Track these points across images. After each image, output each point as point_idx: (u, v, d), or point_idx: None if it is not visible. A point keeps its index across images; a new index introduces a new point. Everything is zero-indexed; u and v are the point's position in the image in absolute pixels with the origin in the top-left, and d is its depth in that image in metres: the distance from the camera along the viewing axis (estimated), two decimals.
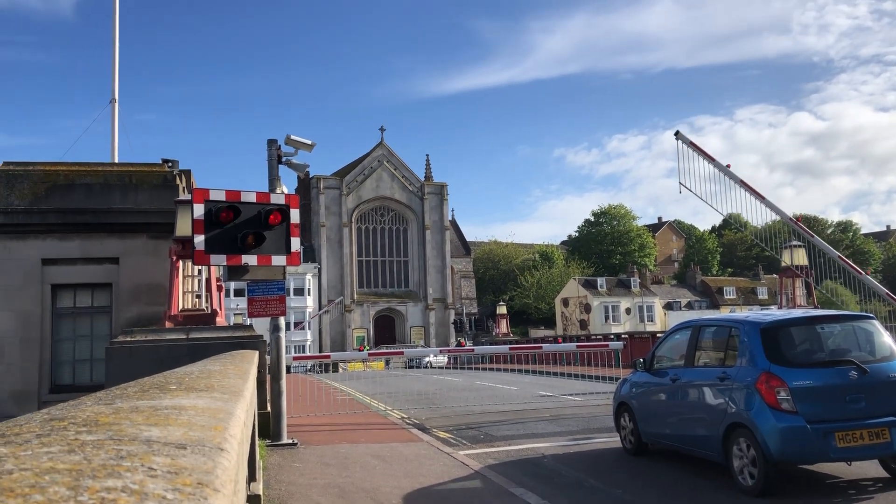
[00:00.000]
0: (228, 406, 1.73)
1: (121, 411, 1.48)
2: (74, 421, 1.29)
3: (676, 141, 25.76)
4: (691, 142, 25.96)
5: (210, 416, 1.50)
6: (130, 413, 1.44)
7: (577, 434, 13.66)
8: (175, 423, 1.30)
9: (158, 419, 1.35)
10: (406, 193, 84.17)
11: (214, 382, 2.58)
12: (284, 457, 11.43)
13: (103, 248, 14.70)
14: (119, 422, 1.29)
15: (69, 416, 1.38)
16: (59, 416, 1.38)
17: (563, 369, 31.15)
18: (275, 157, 13.57)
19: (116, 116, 21.33)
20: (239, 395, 2.17)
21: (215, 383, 2.54)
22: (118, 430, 1.16)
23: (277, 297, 12.87)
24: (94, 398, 1.96)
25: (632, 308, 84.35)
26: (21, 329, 14.28)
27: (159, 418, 1.37)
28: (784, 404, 8.08)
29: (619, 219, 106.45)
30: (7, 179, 14.51)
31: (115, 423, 1.28)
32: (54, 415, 1.44)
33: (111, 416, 1.37)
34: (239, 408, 1.79)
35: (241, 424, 1.62)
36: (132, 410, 1.50)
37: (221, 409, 1.66)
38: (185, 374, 3.14)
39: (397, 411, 18.24)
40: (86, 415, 1.41)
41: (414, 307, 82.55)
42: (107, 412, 1.46)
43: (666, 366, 10.69)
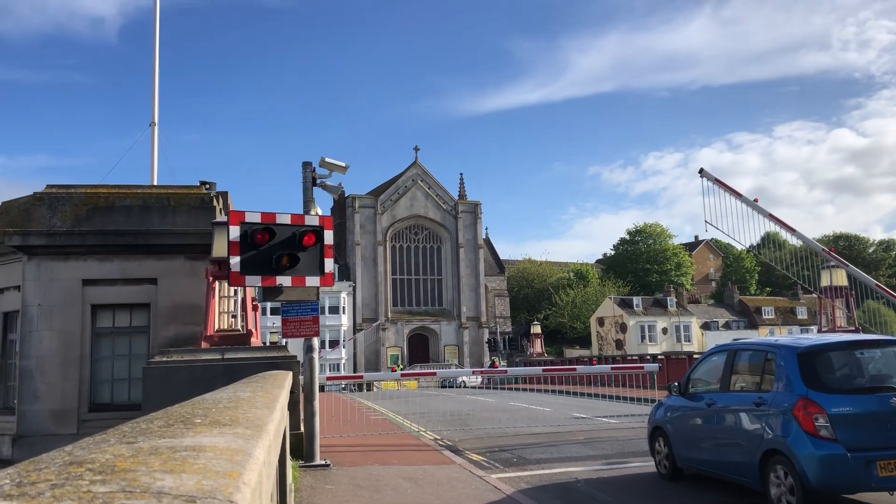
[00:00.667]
0: (248, 445, 1.75)
1: (140, 453, 1.50)
2: (92, 466, 1.31)
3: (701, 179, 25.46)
4: (716, 179, 25.67)
5: (227, 458, 1.52)
6: (149, 456, 1.46)
7: (612, 458, 13.49)
8: (190, 470, 1.32)
9: (175, 464, 1.37)
10: (440, 212, 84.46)
11: (240, 415, 2.60)
12: (317, 478, 11.46)
13: (142, 269, 14.96)
14: (136, 468, 1.31)
15: (88, 459, 1.41)
16: (78, 460, 1.40)
17: (598, 390, 30.84)
18: (309, 180, 13.73)
19: (156, 139, 21.81)
20: (262, 430, 2.19)
21: (241, 415, 2.56)
22: (132, 480, 1.18)
23: (311, 318, 12.95)
24: (120, 434, 1.98)
25: (668, 328, 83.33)
26: (62, 348, 14.55)
27: (176, 463, 1.38)
28: (823, 431, 7.90)
29: (656, 237, 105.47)
30: (50, 202, 14.87)
31: (132, 468, 1.30)
32: (75, 457, 1.46)
33: (129, 461, 1.39)
34: (259, 447, 1.81)
35: (260, 465, 1.64)
36: (151, 452, 1.52)
37: (240, 449, 1.67)
38: (213, 404, 3.17)
39: (430, 432, 18.19)
40: (105, 458, 1.43)
41: (448, 326, 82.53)
42: (126, 454, 1.48)
43: (701, 390, 10.53)
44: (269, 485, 2.14)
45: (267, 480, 2.01)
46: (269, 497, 2.20)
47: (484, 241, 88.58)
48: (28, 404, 14.30)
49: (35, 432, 14.17)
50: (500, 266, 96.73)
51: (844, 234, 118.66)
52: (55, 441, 13.69)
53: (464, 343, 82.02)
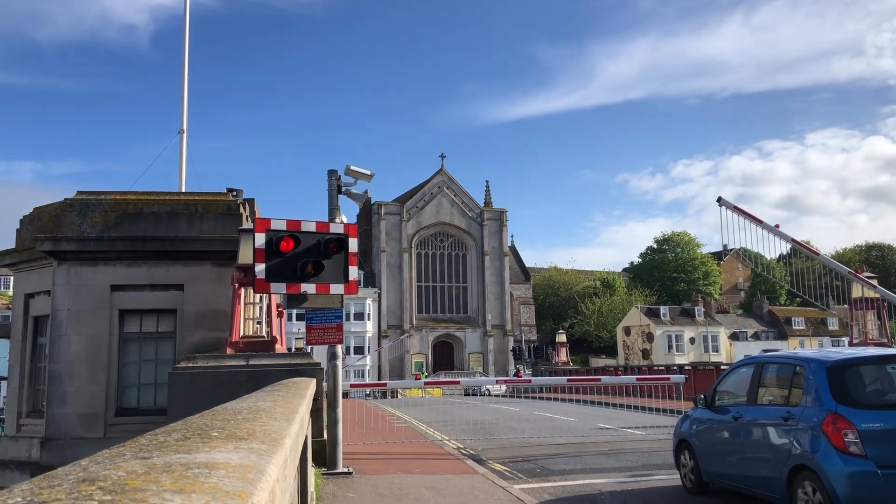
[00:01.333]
0: (262, 462, 1.74)
1: (153, 470, 1.50)
2: (103, 485, 1.31)
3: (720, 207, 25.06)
4: (735, 206, 25.25)
5: (239, 476, 1.51)
6: (161, 473, 1.46)
7: (637, 470, 13.34)
8: (200, 490, 1.31)
9: (186, 483, 1.37)
10: (465, 219, 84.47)
11: (258, 427, 2.60)
12: (339, 486, 11.47)
13: (169, 275, 15.11)
14: (146, 486, 1.31)
15: (101, 476, 1.41)
16: (91, 477, 1.40)
17: (624, 400, 30.58)
18: (335, 188, 13.80)
19: (185, 146, 22.05)
20: (278, 444, 2.19)
21: (258, 428, 2.56)
22: (140, 501, 1.18)
23: (335, 326, 13.00)
24: (137, 447, 1.99)
25: (696, 338, 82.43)
26: (90, 353, 14.73)
27: (187, 482, 1.38)
28: (852, 447, 7.74)
29: (683, 246, 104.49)
30: (80, 208, 15.09)
31: (142, 488, 1.29)
32: (88, 473, 1.46)
33: (141, 479, 1.39)
34: (273, 463, 1.80)
35: (273, 482, 1.63)
36: (164, 469, 1.52)
37: (253, 466, 1.66)
38: (233, 415, 3.18)
39: (453, 441, 18.14)
40: (117, 475, 1.43)
41: (472, 333, 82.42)
42: (139, 471, 1.48)
43: (728, 403, 10.38)
44: (285, 499, 2.13)
45: (282, 495, 2.00)
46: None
47: (509, 249, 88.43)
48: (56, 408, 14.48)
49: (63, 435, 14.35)
50: (526, 274, 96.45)
51: (878, 243, 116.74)
52: (83, 444, 13.85)
53: (488, 351, 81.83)
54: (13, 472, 15.09)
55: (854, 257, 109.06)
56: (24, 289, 16.59)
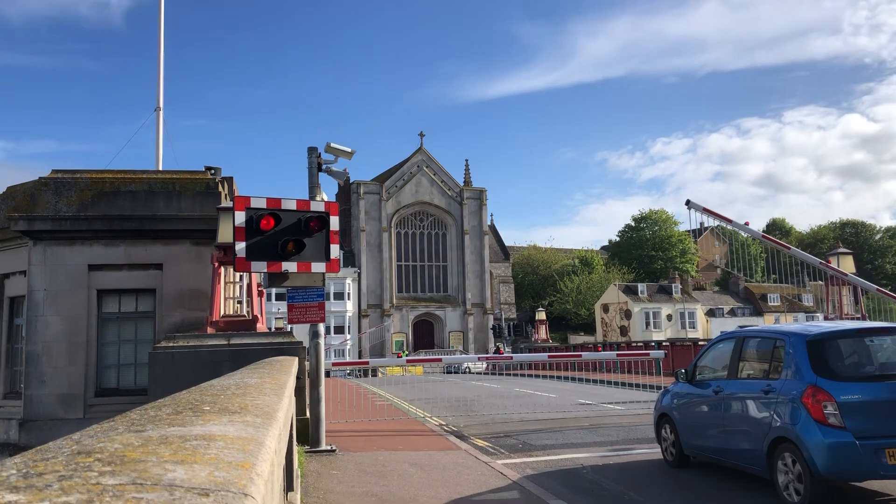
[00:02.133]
0: (259, 434, 1.71)
1: (150, 442, 1.46)
2: (101, 457, 1.27)
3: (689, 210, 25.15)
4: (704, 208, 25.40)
5: (239, 448, 1.48)
6: (159, 445, 1.42)
7: (618, 444, 13.48)
8: (202, 461, 1.28)
9: (186, 454, 1.33)
10: (445, 198, 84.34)
11: (249, 402, 2.57)
12: (323, 463, 11.48)
13: (147, 255, 14.94)
14: (145, 458, 1.27)
15: (97, 449, 1.37)
16: (87, 450, 1.36)
17: (603, 376, 30.86)
18: (315, 165, 13.67)
19: (161, 124, 21.73)
20: (272, 417, 2.15)
21: (249, 402, 2.52)
22: (142, 472, 1.14)
23: (317, 304, 12.94)
24: (128, 421, 1.95)
25: (673, 315, 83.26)
26: (68, 333, 14.57)
27: (186, 453, 1.34)
28: (831, 419, 7.86)
29: (661, 224, 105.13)
30: (56, 187, 14.85)
31: (142, 459, 1.26)
32: (83, 446, 1.42)
33: (139, 451, 1.35)
34: (270, 436, 1.77)
35: (272, 455, 1.60)
36: (161, 441, 1.48)
37: (251, 438, 1.63)
38: (222, 390, 3.14)
39: (435, 418, 18.22)
40: (114, 447, 1.39)
41: (452, 312, 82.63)
42: (135, 444, 1.44)
43: (708, 377, 10.49)
44: (279, 473, 2.11)
45: (277, 469, 1.97)
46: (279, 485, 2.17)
47: (489, 228, 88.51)
48: (34, 389, 14.33)
49: (42, 416, 14.22)
50: (505, 253, 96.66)
51: (851, 220, 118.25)
52: (62, 425, 13.74)
53: (468, 329, 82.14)
54: None
55: (828, 234, 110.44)
56: None
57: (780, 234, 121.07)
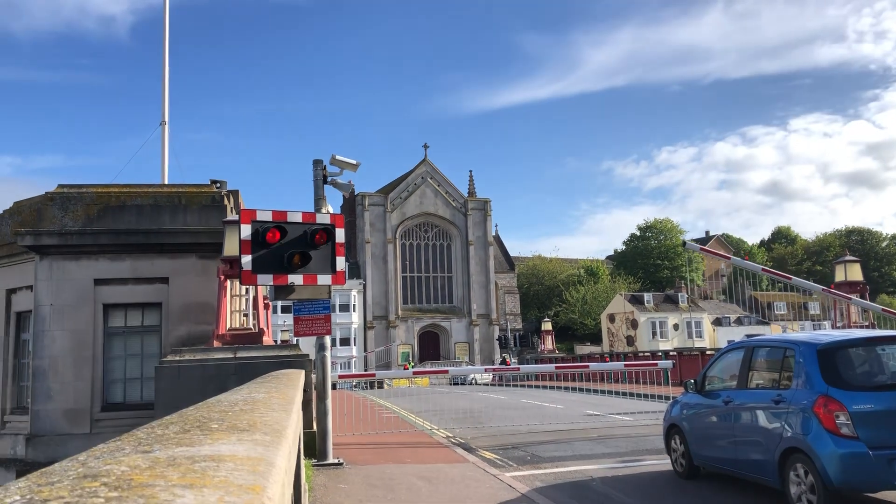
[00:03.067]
0: (269, 454, 1.67)
1: (157, 464, 1.42)
2: (107, 481, 1.23)
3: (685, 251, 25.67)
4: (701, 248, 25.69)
5: (249, 469, 1.44)
6: (167, 467, 1.38)
7: (626, 456, 13.38)
8: (211, 484, 1.24)
9: (195, 477, 1.29)
10: (449, 209, 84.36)
11: (258, 418, 2.53)
12: (330, 477, 11.41)
13: (153, 269, 14.94)
14: (153, 482, 1.23)
15: (103, 472, 1.33)
16: (93, 473, 1.32)
17: (611, 387, 30.69)
18: (320, 177, 13.66)
19: (166, 138, 21.80)
20: (282, 435, 2.11)
21: (258, 419, 2.48)
22: (150, 497, 1.10)
23: (323, 317, 12.89)
24: (135, 441, 1.91)
25: (679, 324, 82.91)
26: (74, 348, 14.56)
27: (195, 476, 1.30)
28: (844, 429, 7.77)
29: (666, 233, 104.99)
30: (61, 202, 14.87)
31: (149, 483, 1.22)
32: (89, 469, 1.38)
33: (146, 474, 1.31)
34: (280, 455, 1.73)
35: (283, 475, 1.56)
36: (169, 463, 1.44)
37: (262, 458, 1.59)
38: (229, 406, 3.10)
39: (443, 430, 18.12)
40: (121, 469, 1.35)
41: (458, 323, 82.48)
42: (143, 466, 1.40)
43: (718, 387, 10.41)
44: (289, 492, 2.06)
45: (288, 488, 1.93)
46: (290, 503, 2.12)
47: (494, 239, 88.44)
48: (41, 404, 14.31)
49: (48, 431, 14.19)
50: (510, 263, 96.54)
51: (858, 228, 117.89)
52: (69, 440, 13.71)
53: (474, 340, 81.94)
54: None
55: (834, 242, 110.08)
56: (6, 284, 16.35)
57: (786, 243, 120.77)
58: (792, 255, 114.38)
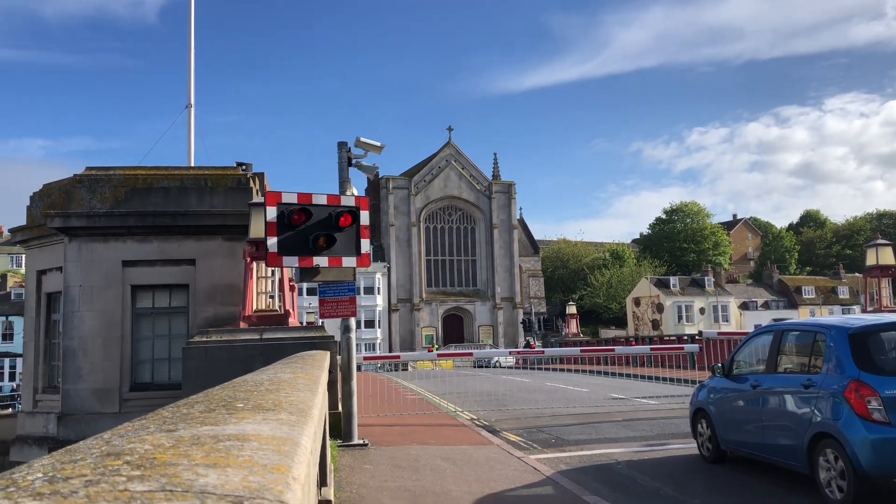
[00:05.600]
0: (294, 433, 1.65)
1: (181, 443, 1.40)
2: (130, 459, 1.21)
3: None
4: None
5: (274, 449, 1.41)
6: (191, 447, 1.36)
7: (652, 439, 13.30)
8: (235, 464, 1.21)
9: (218, 457, 1.27)
10: (474, 193, 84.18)
11: (283, 398, 2.51)
12: (356, 458, 11.47)
13: (180, 250, 15.06)
14: (177, 461, 1.21)
15: (126, 450, 1.31)
16: (116, 451, 1.30)
17: (635, 370, 30.56)
18: (345, 160, 13.65)
19: (192, 121, 21.92)
20: (307, 415, 2.09)
21: (283, 399, 2.47)
22: (173, 477, 1.08)
23: (348, 299, 12.93)
24: (160, 419, 1.90)
25: (706, 308, 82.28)
26: (103, 328, 14.75)
27: (219, 455, 1.28)
28: (875, 414, 7.63)
29: (693, 216, 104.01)
30: (89, 184, 15.01)
31: (172, 462, 1.19)
32: (112, 447, 1.36)
33: (169, 452, 1.29)
34: (305, 435, 1.70)
35: (308, 455, 1.53)
36: (193, 442, 1.42)
37: (287, 438, 1.57)
38: (255, 386, 3.09)
39: (467, 412, 18.15)
40: (144, 448, 1.34)
41: (482, 306, 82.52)
42: (166, 444, 1.38)
43: (745, 371, 10.29)
44: (315, 472, 2.04)
45: (313, 468, 1.91)
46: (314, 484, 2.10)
47: (518, 222, 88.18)
48: (72, 383, 14.54)
49: (79, 410, 14.42)
50: (535, 246, 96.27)
51: (889, 211, 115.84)
52: (98, 419, 13.92)
53: (498, 323, 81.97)
54: (31, 448, 15.19)
55: (865, 225, 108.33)
56: (37, 265, 16.60)
57: (814, 227, 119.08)
58: (821, 239, 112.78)
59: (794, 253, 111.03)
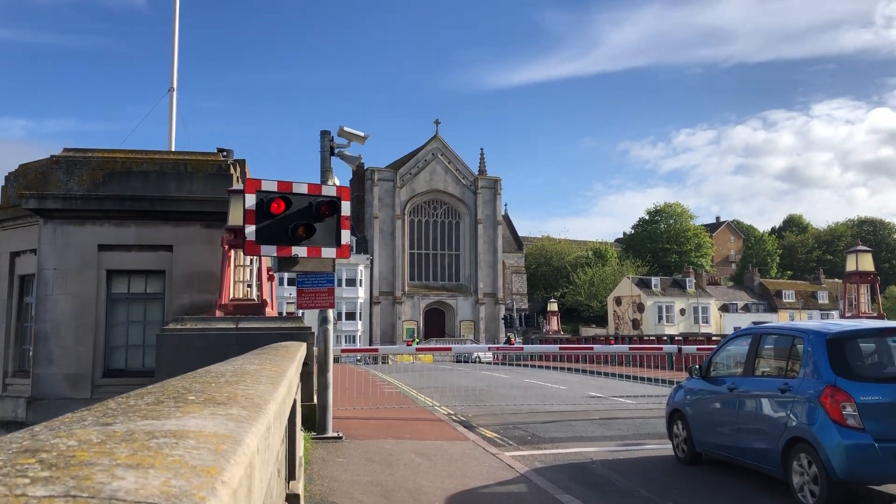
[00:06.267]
0: (240, 431, 1.54)
1: (111, 439, 1.30)
2: (45, 457, 1.10)
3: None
4: None
5: (211, 448, 1.31)
6: (120, 443, 1.26)
7: (628, 439, 13.29)
8: (162, 464, 1.11)
9: (146, 456, 1.16)
10: (459, 187, 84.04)
11: (240, 391, 2.41)
12: (329, 451, 11.36)
13: (158, 236, 14.85)
14: (96, 460, 1.10)
15: (47, 446, 1.20)
16: (35, 447, 1.20)
17: (614, 369, 30.63)
18: (327, 149, 13.49)
19: (174, 105, 21.63)
20: (261, 410, 1.99)
21: (241, 392, 2.37)
22: (84, 478, 0.97)
23: (326, 290, 12.80)
24: (101, 411, 1.79)
25: (686, 309, 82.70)
26: (77, 313, 14.52)
27: (147, 454, 1.17)
28: (850, 420, 7.63)
29: (676, 217, 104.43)
30: (67, 166, 14.76)
31: (91, 461, 1.09)
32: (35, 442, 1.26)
33: (94, 450, 1.19)
34: (252, 432, 1.60)
35: (250, 455, 1.42)
36: (124, 438, 1.31)
37: (228, 436, 1.46)
38: (215, 377, 2.99)
39: (444, 407, 18.08)
40: (67, 444, 1.23)
41: (464, 301, 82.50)
42: (94, 440, 1.28)
43: (723, 374, 10.28)
44: (266, 471, 1.93)
45: (263, 467, 1.80)
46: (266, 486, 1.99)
47: (503, 218, 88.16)
48: (43, 367, 14.31)
49: (49, 395, 14.19)
50: (519, 243, 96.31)
51: (870, 218, 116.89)
52: (69, 405, 13.67)
53: (480, 319, 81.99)
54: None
55: (846, 231, 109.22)
56: (10, 247, 16.30)
57: (797, 231, 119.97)
58: (802, 244, 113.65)
59: (776, 257, 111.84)
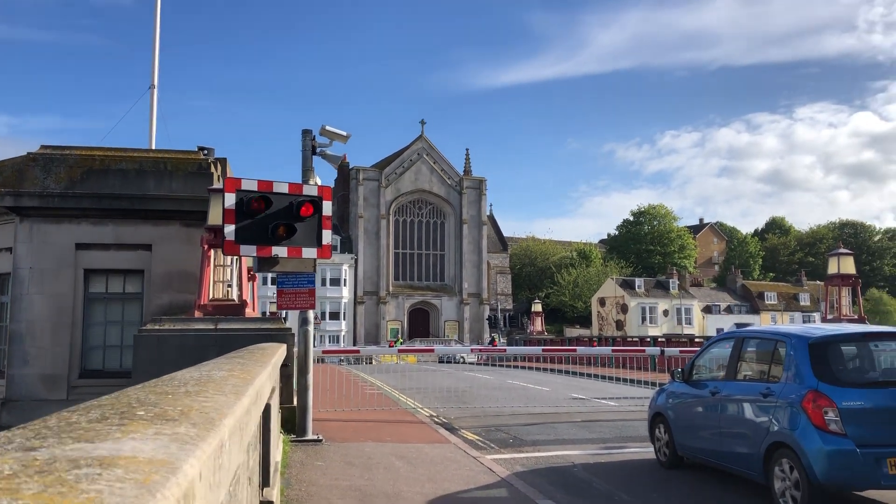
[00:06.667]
0: (179, 456, 1.42)
1: (26, 469, 1.17)
2: None
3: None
4: None
5: (140, 479, 1.19)
6: (32, 476, 1.13)
7: (610, 442, 13.23)
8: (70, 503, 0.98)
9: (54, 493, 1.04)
10: (444, 187, 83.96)
11: (197, 404, 2.28)
12: (308, 454, 11.21)
13: (136, 235, 14.64)
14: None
15: None
16: None
17: (597, 371, 30.62)
18: (309, 148, 13.33)
19: (155, 102, 21.37)
20: (213, 428, 1.86)
21: (196, 405, 2.24)
22: None
23: (307, 290, 12.64)
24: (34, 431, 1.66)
25: (669, 310, 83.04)
26: (54, 313, 14.28)
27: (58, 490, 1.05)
28: (832, 425, 7.58)
29: (660, 219, 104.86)
30: (44, 163, 14.52)
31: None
32: None
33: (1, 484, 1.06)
34: (195, 456, 1.47)
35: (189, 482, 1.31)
36: (41, 469, 1.19)
37: (165, 462, 1.34)
38: (177, 386, 2.86)
39: (426, 408, 17.96)
40: None
41: (449, 301, 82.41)
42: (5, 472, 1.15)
43: (705, 377, 10.22)
44: (219, 495, 1.80)
45: (212, 492, 1.67)
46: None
47: (488, 218, 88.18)
48: (17, 368, 14.06)
49: (24, 397, 13.95)
50: (503, 243, 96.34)
51: (851, 221, 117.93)
52: (45, 406, 13.43)
53: (464, 319, 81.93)
54: None
55: (827, 234, 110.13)
56: None
57: (779, 234, 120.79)
58: (784, 246, 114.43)
59: (759, 259, 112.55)
